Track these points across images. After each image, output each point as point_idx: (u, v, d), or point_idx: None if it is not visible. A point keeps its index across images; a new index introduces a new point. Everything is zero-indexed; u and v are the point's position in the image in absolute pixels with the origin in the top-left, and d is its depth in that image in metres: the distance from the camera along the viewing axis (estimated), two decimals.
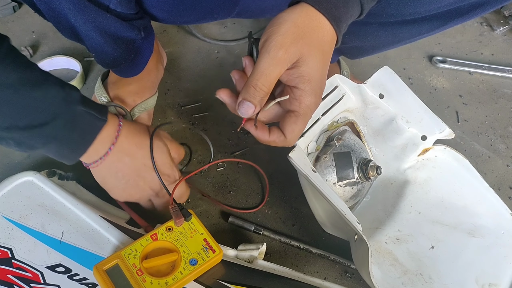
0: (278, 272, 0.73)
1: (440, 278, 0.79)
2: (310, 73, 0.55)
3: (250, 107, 0.55)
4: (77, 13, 0.68)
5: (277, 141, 0.59)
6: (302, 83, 0.55)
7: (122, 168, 0.69)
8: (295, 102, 0.56)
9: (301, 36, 0.54)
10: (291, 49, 0.53)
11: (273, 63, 0.53)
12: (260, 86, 0.54)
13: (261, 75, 0.53)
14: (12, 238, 0.68)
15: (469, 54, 1.30)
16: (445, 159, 0.88)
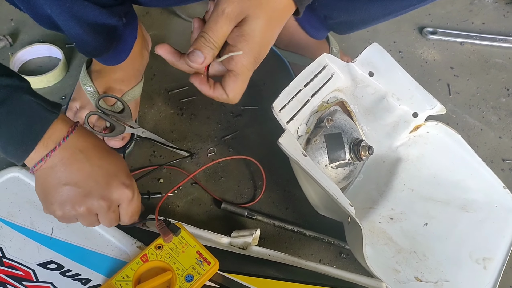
0: (273, 258, 0.73)
1: (434, 255, 0.80)
2: (249, 34, 0.56)
3: (199, 56, 0.56)
4: (52, 3, 0.65)
5: (220, 97, 0.60)
6: (240, 42, 0.56)
7: (72, 169, 0.58)
8: (232, 61, 0.57)
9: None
10: (237, 7, 0.55)
11: (221, 18, 0.55)
12: (209, 38, 0.55)
13: (209, 28, 0.55)
14: (1, 236, 0.67)
15: (460, 24, 1.28)
16: (437, 134, 0.87)
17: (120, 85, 0.91)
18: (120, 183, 0.61)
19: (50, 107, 0.57)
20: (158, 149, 0.92)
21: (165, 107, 0.99)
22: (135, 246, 0.68)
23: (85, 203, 0.59)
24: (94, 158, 0.60)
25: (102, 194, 0.59)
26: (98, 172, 0.59)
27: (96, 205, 0.59)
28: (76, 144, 0.59)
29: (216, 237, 0.74)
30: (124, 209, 0.63)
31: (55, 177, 0.58)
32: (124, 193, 0.61)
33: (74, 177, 0.58)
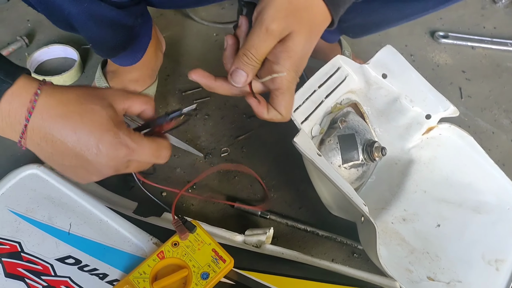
0: (286, 256, 0.73)
1: (446, 256, 0.80)
2: (293, 50, 0.56)
3: (242, 75, 0.56)
4: (71, 4, 0.66)
5: (275, 118, 0.60)
6: (283, 59, 0.56)
7: (52, 150, 0.52)
8: (278, 80, 0.57)
9: (293, 13, 0.54)
10: (282, 24, 0.54)
11: (265, 35, 0.54)
12: (251, 56, 0.55)
13: (251, 46, 0.55)
14: (20, 231, 0.68)
15: (472, 28, 1.28)
16: (449, 137, 0.87)
17: (135, 85, 0.93)
18: (109, 149, 0.51)
19: (2, 74, 0.49)
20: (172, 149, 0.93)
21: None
22: (151, 243, 0.69)
23: (91, 178, 0.55)
24: (66, 134, 0.50)
25: (99, 169, 0.53)
26: (80, 148, 0.51)
27: (104, 173, 0.54)
28: (40, 123, 0.50)
29: (231, 235, 0.75)
30: (134, 166, 0.56)
31: (47, 155, 0.53)
32: (119, 157, 0.52)
33: (64, 156, 0.52)
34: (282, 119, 0.60)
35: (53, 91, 0.50)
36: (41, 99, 0.49)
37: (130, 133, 0.52)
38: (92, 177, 0.55)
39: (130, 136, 0.52)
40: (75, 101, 0.50)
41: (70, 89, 0.52)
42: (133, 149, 0.52)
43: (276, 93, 0.58)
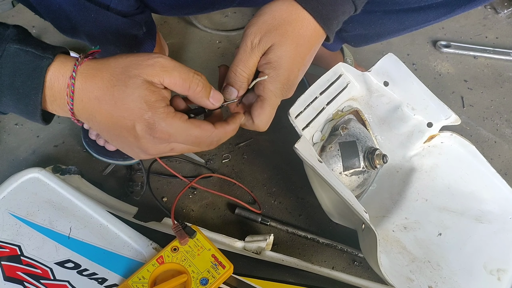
0: (286, 263, 0.73)
1: (448, 265, 0.79)
2: (276, 61, 0.56)
3: (233, 91, 0.57)
4: (78, 14, 0.67)
5: (247, 124, 0.60)
6: (267, 69, 0.57)
7: (99, 129, 0.52)
8: (260, 86, 0.58)
9: (276, 27, 0.56)
10: (264, 38, 0.56)
11: (248, 51, 0.56)
12: (240, 72, 0.57)
13: (239, 61, 0.56)
14: (20, 235, 0.68)
15: (474, 38, 1.29)
16: (451, 145, 0.87)
17: None
18: (144, 135, 0.50)
19: (40, 51, 0.49)
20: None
21: None
22: (151, 248, 0.69)
23: (140, 156, 0.54)
24: (107, 116, 0.50)
25: (142, 150, 0.52)
26: (120, 130, 0.50)
27: (149, 154, 0.52)
28: (82, 103, 0.50)
29: (231, 241, 0.75)
30: (179, 149, 0.54)
31: (99, 132, 0.53)
32: (155, 142, 0.51)
33: (110, 135, 0.52)
34: (253, 126, 0.59)
35: (89, 72, 0.49)
36: (77, 83, 0.49)
37: (167, 117, 0.49)
38: (140, 156, 0.54)
39: (167, 121, 0.49)
40: (109, 82, 0.49)
41: (106, 66, 0.50)
42: (170, 134, 0.50)
43: (256, 99, 0.59)
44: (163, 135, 0.50)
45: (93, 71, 0.49)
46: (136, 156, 0.54)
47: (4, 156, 0.90)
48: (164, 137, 0.50)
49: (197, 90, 0.51)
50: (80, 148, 0.93)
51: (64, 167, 0.81)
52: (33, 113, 0.51)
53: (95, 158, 0.90)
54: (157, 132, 0.49)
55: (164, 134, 0.50)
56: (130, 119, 0.49)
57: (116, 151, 0.89)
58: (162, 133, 0.49)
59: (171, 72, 0.49)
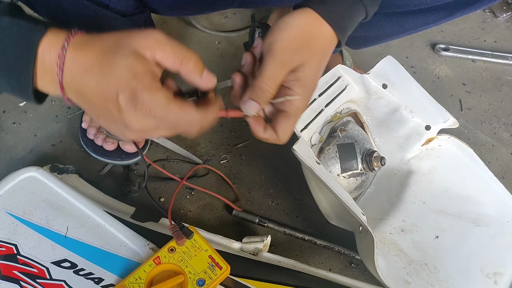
0: (283, 264, 0.73)
1: (445, 268, 0.80)
2: (305, 79, 0.56)
3: (255, 107, 0.56)
4: (76, 12, 0.67)
5: (270, 139, 0.60)
6: (297, 87, 0.56)
7: (85, 105, 0.50)
8: (288, 104, 0.58)
9: (305, 44, 0.55)
10: (295, 55, 0.55)
11: (278, 68, 0.55)
12: (268, 89, 0.55)
13: (268, 78, 0.55)
14: (16, 234, 0.68)
15: (472, 41, 1.29)
16: (449, 148, 0.87)
17: None
18: (127, 105, 0.47)
19: (33, 24, 0.48)
20: (171, 155, 0.93)
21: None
22: (148, 248, 0.69)
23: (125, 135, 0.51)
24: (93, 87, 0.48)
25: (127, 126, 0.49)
26: (105, 102, 0.48)
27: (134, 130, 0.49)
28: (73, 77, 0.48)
29: (228, 242, 0.75)
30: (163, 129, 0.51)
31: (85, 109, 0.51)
32: (138, 116, 0.48)
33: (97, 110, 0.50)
34: (276, 140, 0.59)
35: (81, 43, 0.48)
36: (68, 54, 0.47)
37: (151, 89, 0.47)
38: (125, 133, 0.51)
39: (150, 92, 0.47)
40: (100, 52, 0.48)
41: (99, 38, 0.49)
42: (151, 107, 0.47)
43: (282, 115, 0.58)
44: (145, 108, 0.47)
45: (85, 43, 0.48)
46: (121, 134, 0.51)
47: (1, 154, 0.90)
48: (146, 110, 0.48)
49: (189, 65, 0.50)
50: (77, 148, 0.92)
51: (62, 166, 0.81)
52: (25, 89, 0.49)
53: (92, 158, 0.90)
54: (139, 103, 0.47)
55: (146, 107, 0.47)
56: (114, 88, 0.47)
57: (113, 151, 0.89)
58: (144, 104, 0.47)
59: (164, 46, 0.48)
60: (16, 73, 0.48)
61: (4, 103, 0.98)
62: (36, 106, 0.98)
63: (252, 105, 0.55)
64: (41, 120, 0.96)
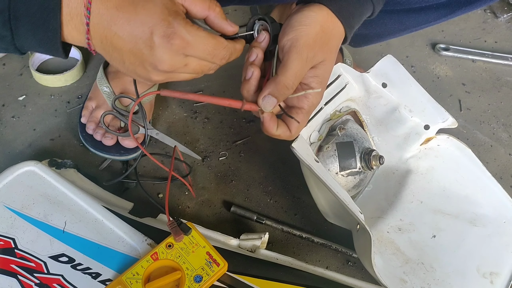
0: (281, 262, 0.73)
1: (441, 267, 0.80)
2: (324, 75, 0.58)
3: (274, 103, 0.56)
4: None
5: (282, 135, 0.60)
6: (315, 83, 0.57)
7: (112, 47, 0.50)
8: (304, 99, 0.58)
9: (327, 42, 0.57)
10: (318, 52, 0.56)
11: (304, 64, 0.55)
12: (292, 85, 0.55)
13: (293, 74, 0.55)
14: (14, 228, 0.68)
15: (473, 41, 1.29)
16: (447, 148, 0.88)
17: None
18: (162, 40, 0.48)
19: None
20: (170, 150, 0.93)
21: (179, 110, 1.01)
22: (145, 243, 0.69)
23: (151, 76, 0.52)
24: (123, 25, 0.48)
25: (155, 64, 0.50)
26: (135, 40, 0.49)
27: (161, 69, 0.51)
28: (101, 16, 0.48)
29: (226, 238, 0.75)
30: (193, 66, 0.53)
31: (110, 54, 0.51)
32: (173, 49, 0.49)
33: (123, 52, 0.50)
34: (288, 137, 0.60)
35: None
36: None
37: (186, 24, 0.49)
38: (151, 75, 0.52)
39: (187, 28, 0.48)
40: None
41: None
42: (188, 42, 0.49)
43: (297, 111, 0.58)
44: (181, 43, 0.49)
45: None
46: (147, 77, 0.53)
47: (0, 148, 0.90)
48: (182, 45, 0.49)
49: (216, 10, 0.52)
50: (76, 142, 0.92)
51: (60, 161, 0.81)
52: (53, 40, 0.49)
53: (91, 153, 0.90)
54: (176, 38, 0.48)
55: (183, 42, 0.49)
56: (149, 25, 0.48)
57: (112, 146, 0.89)
58: (181, 39, 0.48)
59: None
60: (42, 21, 0.47)
61: (4, 96, 0.98)
62: (35, 99, 0.98)
63: (272, 101, 0.55)
64: (40, 114, 0.96)
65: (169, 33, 0.48)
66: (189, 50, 0.50)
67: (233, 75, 1.05)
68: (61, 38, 0.49)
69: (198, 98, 0.58)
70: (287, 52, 0.55)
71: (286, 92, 0.55)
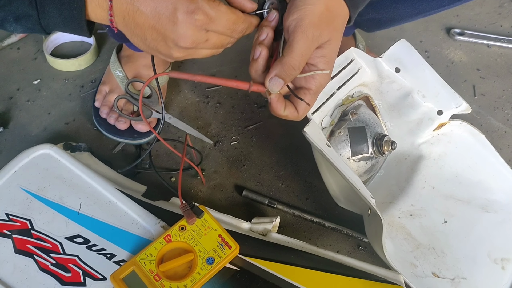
0: (292, 245, 0.74)
1: (452, 252, 0.80)
2: (330, 55, 0.57)
3: (281, 84, 0.56)
4: None
5: (290, 116, 0.60)
6: (322, 63, 0.57)
7: (134, 24, 0.52)
8: (312, 80, 0.57)
9: (332, 21, 0.56)
10: (324, 31, 0.55)
11: (309, 44, 0.54)
12: (298, 65, 0.55)
13: (299, 55, 0.54)
14: (31, 209, 0.70)
15: (488, 26, 1.27)
16: (461, 134, 0.87)
17: (149, 70, 0.94)
18: (185, 16, 0.50)
19: None
20: (183, 135, 0.94)
21: (191, 94, 1.01)
22: (158, 226, 0.70)
23: (172, 52, 0.53)
24: (147, 1, 0.50)
25: (177, 40, 0.51)
26: (158, 16, 0.50)
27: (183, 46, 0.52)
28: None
29: (237, 222, 0.75)
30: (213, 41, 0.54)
31: (131, 31, 0.52)
32: (196, 25, 0.50)
33: (145, 29, 0.52)
34: (296, 117, 0.60)
35: None
36: None
37: (210, 2, 0.51)
38: (172, 52, 0.53)
39: (209, 3, 0.50)
40: None
41: None
42: (211, 17, 0.51)
43: (304, 92, 0.58)
44: (204, 18, 0.50)
45: None
46: (168, 53, 0.54)
47: (16, 131, 0.91)
48: (205, 21, 0.50)
49: None
50: (90, 126, 0.94)
51: (75, 144, 0.82)
52: (78, 18, 0.51)
53: (105, 137, 0.91)
54: (200, 14, 0.50)
55: (206, 17, 0.50)
56: (172, 0, 0.49)
57: (126, 130, 0.90)
58: (205, 15, 0.50)
59: None
60: (68, 1, 0.49)
61: (18, 81, 0.99)
62: (49, 84, 0.99)
63: (279, 82, 0.55)
64: (54, 98, 0.97)
65: (193, 8, 0.49)
66: (211, 26, 0.51)
67: (245, 60, 1.05)
68: (85, 15, 0.51)
69: (206, 80, 0.58)
70: (292, 32, 0.55)
71: (293, 72, 0.55)
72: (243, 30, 0.55)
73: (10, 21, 0.52)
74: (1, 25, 0.54)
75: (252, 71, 0.58)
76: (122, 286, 0.61)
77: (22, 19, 0.52)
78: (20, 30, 0.54)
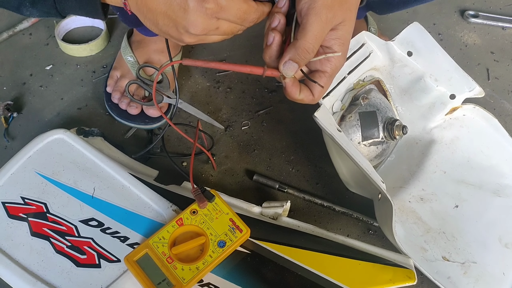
0: (302, 229, 0.74)
1: (463, 237, 0.80)
2: (345, 37, 0.56)
3: (295, 68, 0.55)
4: None
5: (305, 99, 0.59)
6: (337, 45, 0.56)
7: (147, 8, 0.53)
8: (327, 63, 0.57)
9: (345, 2, 0.55)
10: (337, 13, 0.54)
11: (323, 26, 0.54)
12: (312, 48, 0.54)
13: (313, 37, 0.54)
14: (46, 193, 0.71)
15: (503, 8, 1.24)
16: (473, 118, 0.86)
17: (159, 56, 0.94)
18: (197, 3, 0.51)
19: None
20: (194, 120, 0.94)
21: (202, 79, 1.01)
22: (171, 210, 0.71)
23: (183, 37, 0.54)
24: None
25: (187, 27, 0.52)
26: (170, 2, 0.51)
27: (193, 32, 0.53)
28: None
29: (248, 206, 0.76)
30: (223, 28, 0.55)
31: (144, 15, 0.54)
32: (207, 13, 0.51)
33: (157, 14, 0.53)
34: (311, 101, 0.60)
35: None
36: None
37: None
38: (183, 37, 0.54)
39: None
40: None
41: None
42: (222, 6, 0.51)
43: (320, 74, 0.58)
44: (215, 7, 0.51)
45: None
46: (179, 39, 0.55)
47: (29, 117, 0.93)
48: (216, 10, 0.51)
49: None
50: (102, 112, 0.94)
51: (87, 129, 0.83)
52: (93, 1, 0.53)
53: (117, 122, 0.92)
54: (210, 2, 0.50)
55: (216, 6, 0.51)
56: None
57: (137, 115, 0.91)
58: (215, 3, 0.51)
59: None
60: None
61: (31, 66, 1.00)
62: (62, 69, 1.00)
63: (293, 66, 0.55)
64: (67, 83, 0.98)
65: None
66: (222, 14, 0.52)
67: (255, 45, 1.05)
68: None
69: (220, 66, 0.58)
70: (305, 15, 0.54)
71: (307, 56, 0.55)
72: (254, 19, 0.56)
73: (27, 6, 0.54)
74: (18, 10, 0.55)
75: (266, 57, 0.58)
76: (136, 268, 0.63)
77: (38, 3, 0.53)
78: (37, 14, 0.55)
